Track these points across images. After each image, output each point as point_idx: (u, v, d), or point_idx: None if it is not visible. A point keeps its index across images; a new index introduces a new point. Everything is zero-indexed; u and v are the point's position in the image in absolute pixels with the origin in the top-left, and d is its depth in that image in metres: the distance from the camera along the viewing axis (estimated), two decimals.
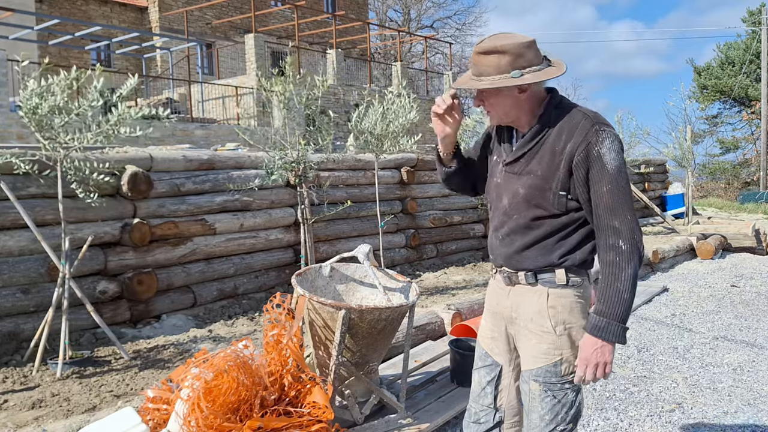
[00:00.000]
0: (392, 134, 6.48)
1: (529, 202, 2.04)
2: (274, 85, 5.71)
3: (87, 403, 3.67)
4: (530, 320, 2.09)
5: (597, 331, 1.94)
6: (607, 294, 1.94)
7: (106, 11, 20.42)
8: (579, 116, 1.99)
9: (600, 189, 1.93)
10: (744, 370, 4.48)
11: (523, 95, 2.02)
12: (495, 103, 2.06)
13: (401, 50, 24.70)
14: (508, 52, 1.96)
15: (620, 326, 1.93)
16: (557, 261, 2.04)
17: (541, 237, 2.05)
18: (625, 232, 1.92)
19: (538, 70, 1.98)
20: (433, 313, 5.10)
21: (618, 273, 1.93)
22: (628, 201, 1.93)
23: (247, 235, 6.42)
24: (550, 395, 2.06)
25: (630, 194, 1.96)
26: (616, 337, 1.93)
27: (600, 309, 1.94)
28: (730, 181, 31.68)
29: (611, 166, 1.92)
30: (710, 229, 11.02)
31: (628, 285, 1.92)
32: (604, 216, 1.94)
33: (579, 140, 1.95)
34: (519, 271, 2.10)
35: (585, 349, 1.96)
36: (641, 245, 1.94)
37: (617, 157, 1.93)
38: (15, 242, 4.74)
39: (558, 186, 1.99)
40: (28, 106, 4.14)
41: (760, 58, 29.37)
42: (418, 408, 3.42)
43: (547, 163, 2.00)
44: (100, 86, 4.23)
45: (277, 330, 2.97)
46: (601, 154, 1.92)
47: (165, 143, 11.22)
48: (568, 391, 2.06)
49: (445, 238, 9.13)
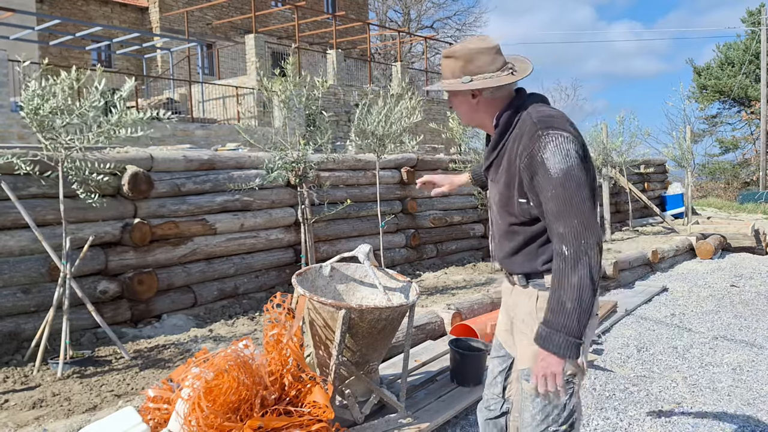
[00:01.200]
0: (394, 134, 6.49)
1: (503, 209, 2.08)
2: (275, 85, 5.72)
3: (88, 403, 3.67)
4: (522, 321, 2.12)
5: (539, 340, 1.89)
6: (551, 303, 1.87)
7: (107, 11, 20.43)
8: (528, 121, 1.96)
9: (546, 194, 1.88)
10: (743, 370, 4.48)
11: (475, 100, 2.04)
12: (456, 106, 2.12)
13: (401, 50, 24.71)
14: (460, 58, 2.00)
15: (565, 338, 1.82)
16: (541, 267, 2.03)
17: (523, 243, 2.06)
18: (569, 237, 1.83)
19: (489, 77, 1.99)
20: (433, 312, 5.11)
21: (561, 280, 1.84)
22: (575, 205, 1.84)
23: (247, 235, 6.43)
24: (536, 399, 2.05)
25: (582, 198, 1.85)
26: (560, 349, 1.83)
27: (545, 318, 1.89)
28: (730, 181, 31.66)
29: (554, 170, 1.86)
30: (710, 229, 11.03)
31: (573, 294, 1.81)
32: (551, 221, 1.89)
33: (525, 146, 1.93)
34: (513, 274, 2.15)
35: (537, 359, 1.92)
36: (591, 251, 1.83)
37: (563, 160, 1.86)
38: (16, 242, 4.75)
39: (517, 193, 1.99)
40: (29, 106, 4.14)
41: (759, 59, 29.37)
42: (418, 407, 3.43)
43: (506, 171, 2.01)
44: (102, 87, 4.24)
45: (278, 330, 2.98)
46: (545, 159, 1.87)
47: (165, 143, 11.23)
48: (560, 392, 2.01)
49: (445, 238, 9.13)
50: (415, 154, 8.89)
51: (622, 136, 11.48)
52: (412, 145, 6.71)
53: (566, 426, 2.05)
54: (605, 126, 11.40)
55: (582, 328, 1.83)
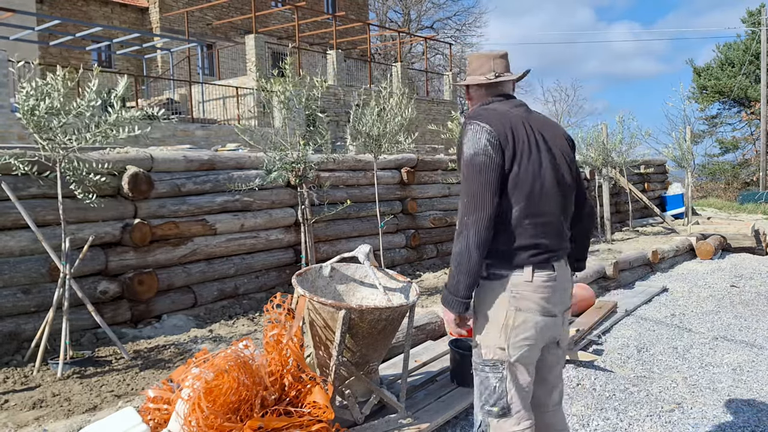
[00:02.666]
0: (390, 134, 6.49)
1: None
2: (274, 85, 5.71)
3: (88, 403, 3.67)
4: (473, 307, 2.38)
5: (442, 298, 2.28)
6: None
7: (107, 12, 20.43)
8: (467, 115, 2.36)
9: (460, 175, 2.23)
10: (743, 370, 4.48)
11: (467, 98, 2.46)
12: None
13: (401, 51, 24.71)
14: (470, 61, 2.44)
15: (449, 295, 2.19)
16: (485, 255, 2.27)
17: None
18: (459, 213, 2.17)
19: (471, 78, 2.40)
20: (433, 313, 5.11)
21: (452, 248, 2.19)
22: (470, 187, 2.14)
23: (247, 236, 6.43)
24: (477, 375, 2.33)
25: (478, 182, 2.13)
26: (446, 303, 2.22)
27: None
28: (730, 182, 31.66)
29: (465, 155, 2.18)
30: (710, 230, 11.03)
31: (454, 260, 2.16)
32: None
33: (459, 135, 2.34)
34: None
35: None
36: (469, 229, 2.12)
37: (472, 146, 2.16)
38: (16, 242, 4.75)
39: None
40: (25, 107, 4.14)
41: (759, 59, 29.37)
42: (418, 408, 3.43)
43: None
44: (95, 87, 4.23)
45: (278, 330, 2.98)
46: (462, 144, 2.21)
47: (166, 143, 11.23)
48: (489, 374, 2.26)
49: (446, 238, 9.13)
50: (415, 155, 8.89)
51: (622, 134, 11.47)
52: (408, 143, 6.71)
53: (497, 408, 2.25)
54: (605, 126, 11.40)
55: (463, 290, 2.16)
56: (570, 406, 3.85)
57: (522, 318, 2.21)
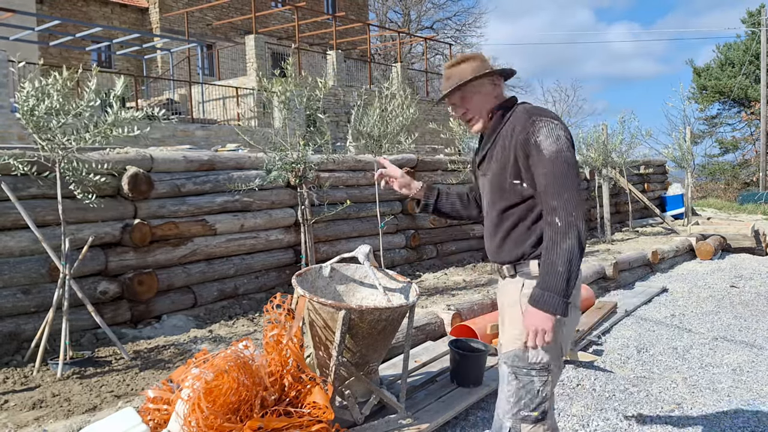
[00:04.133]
0: (391, 134, 6.49)
1: (495, 195, 2.27)
2: (274, 86, 5.71)
3: (87, 404, 3.67)
4: (509, 306, 2.27)
5: (534, 302, 2.08)
6: (544, 268, 2.07)
7: (107, 12, 20.43)
8: (520, 111, 2.23)
9: (539, 172, 2.11)
10: (743, 371, 4.48)
11: (494, 94, 2.34)
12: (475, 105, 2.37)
13: (401, 51, 24.71)
14: (477, 59, 2.36)
15: (556, 297, 2.03)
16: (529, 251, 2.21)
17: (511, 227, 2.24)
18: (561, 209, 2.05)
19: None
20: (433, 313, 5.11)
21: (552, 247, 2.05)
22: (566, 183, 2.07)
23: (247, 236, 6.43)
24: (515, 378, 2.20)
25: (571, 176, 2.08)
26: (553, 308, 2.03)
27: (539, 282, 2.08)
28: (730, 182, 31.67)
29: (548, 151, 2.09)
30: (709, 230, 11.03)
31: (563, 258, 2.02)
32: (543, 197, 2.11)
33: (519, 131, 2.16)
34: (503, 264, 2.30)
35: (527, 317, 2.10)
36: (579, 222, 2.05)
37: (555, 142, 2.10)
38: (16, 243, 4.74)
39: (511, 175, 2.20)
40: (24, 107, 4.14)
41: (759, 59, 29.37)
42: (418, 408, 3.43)
43: (500, 157, 2.23)
44: (94, 87, 4.23)
45: (277, 330, 2.98)
46: (538, 141, 2.11)
47: (166, 144, 11.23)
48: (534, 378, 2.17)
49: (445, 238, 9.13)
50: (415, 155, 8.89)
51: (622, 136, 11.47)
52: (408, 144, 6.71)
53: (537, 413, 2.18)
54: (605, 127, 11.40)
55: (570, 290, 2.05)
56: (570, 407, 3.85)
57: (574, 314, 2.22)
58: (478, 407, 3.75)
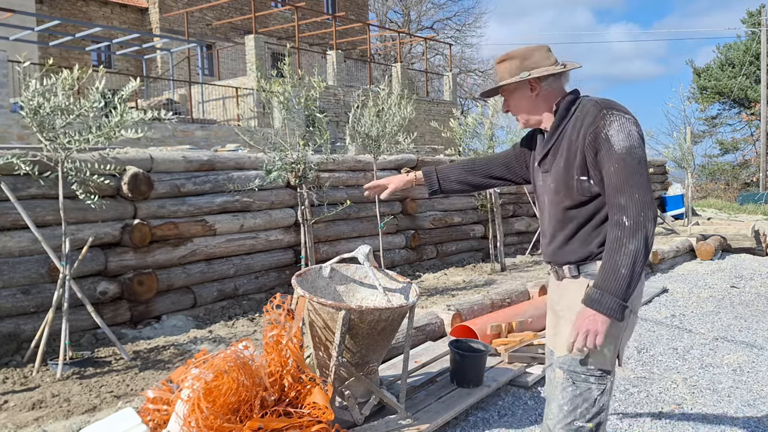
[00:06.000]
0: (389, 134, 6.49)
1: (559, 194, 2.14)
2: (274, 86, 5.71)
3: (87, 404, 3.67)
4: (569, 309, 2.14)
5: (590, 302, 1.96)
6: (605, 268, 1.95)
7: (107, 12, 20.43)
8: (590, 104, 2.09)
9: (608, 169, 1.99)
10: (744, 371, 4.48)
11: (535, 94, 2.18)
12: (515, 104, 2.24)
13: (401, 51, 24.71)
14: (517, 57, 2.17)
15: (615, 300, 1.92)
16: (596, 250, 2.09)
17: (577, 227, 2.12)
18: (630, 209, 1.94)
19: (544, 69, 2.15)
20: (433, 313, 5.11)
21: (618, 248, 1.93)
22: (637, 180, 1.95)
23: (247, 236, 6.42)
24: (572, 384, 2.07)
25: (642, 175, 1.96)
26: (610, 311, 1.93)
27: (597, 282, 1.97)
28: (730, 182, 31.70)
29: (619, 146, 1.97)
30: (710, 230, 11.02)
31: (628, 260, 1.91)
32: (611, 194, 1.99)
33: (588, 124, 2.04)
34: (563, 265, 2.17)
35: (578, 318, 1.99)
36: (649, 224, 1.94)
37: (626, 138, 1.98)
38: (15, 243, 4.74)
39: (578, 171, 2.07)
40: (30, 106, 4.14)
41: (759, 60, 29.38)
42: (418, 408, 3.42)
43: (566, 153, 2.10)
44: (101, 87, 4.23)
45: (277, 331, 2.97)
46: (609, 135, 1.99)
47: (165, 144, 11.23)
48: (592, 385, 2.05)
49: (445, 238, 9.13)
50: (415, 155, 8.89)
51: None
52: (407, 143, 6.71)
53: (592, 424, 2.06)
54: None
55: (629, 293, 1.93)
56: None
57: (633, 320, 2.13)
58: (478, 408, 3.75)
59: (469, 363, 3.79)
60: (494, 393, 3.90)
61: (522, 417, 3.64)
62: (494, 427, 3.51)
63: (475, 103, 31.27)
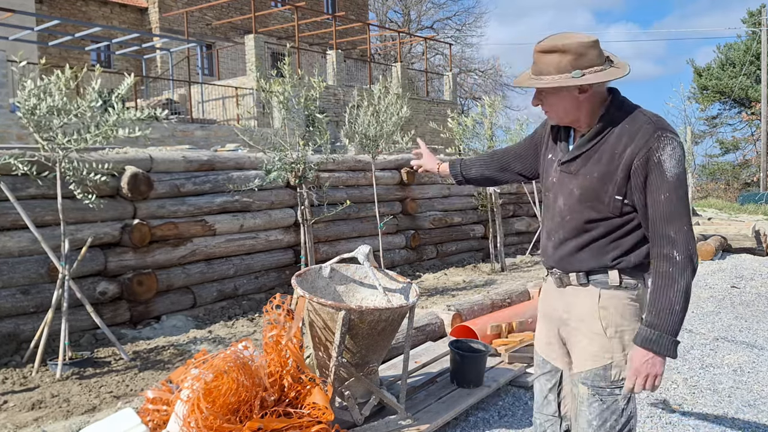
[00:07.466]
0: (387, 134, 6.49)
1: (583, 204, 2.01)
2: (273, 86, 5.71)
3: (87, 404, 3.66)
4: (581, 321, 2.05)
5: (648, 344, 1.89)
6: (658, 306, 1.88)
7: (106, 12, 20.42)
8: (642, 120, 1.94)
9: (658, 196, 1.88)
10: (744, 371, 4.47)
11: (583, 96, 1.97)
12: (554, 103, 2.02)
13: (401, 51, 24.71)
14: (570, 52, 1.92)
15: (671, 339, 1.87)
16: (611, 263, 2.00)
17: (595, 238, 2.01)
18: (681, 242, 1.86)
19: (600, 71, 1.93)
20: (433, 314, 5.10)
21: (671, 284, 1.86)
22: (685, 211, 1.88)
23: (246, 236, 6.42)
24: (598, 400, 2.01)
25: (688, 205, 1.90)
26: (667, 351, 1.88)
27: (651, 321, 1.89)
28: (730, 182, 31.71)
29: (671, 173, 1.87)
30: (710, 230, 11.02)
31: (681, 297, 1.86)
32: (659, 224, 1.89)
33: (640, 145, 1.89)
34: (570, 272, 2.07)
35: (635, 360, 1.91)
36: (696, 257, 1.89)
37: (677, 165, 1.87)
38: (15, 243, 4.74)
39: (614, 189, 1.94)
40: (26, 106, 4.13)
41: (760, 59, 29.38)
42: (418, 409, 3.42)
43: (605, 165, 1.96)
44: (98, 87, 4.22)
45: (277, 331, 2.97)
46: (662, 160, 1.87)
47: (165, 144, 11.22)
48: (618, 397, 2.00)
49: (445, 239, 9.13)
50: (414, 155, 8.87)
51: None
52: (404, 143, 6.71)
53: None
54: None
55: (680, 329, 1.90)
56: None
57: None
58: (479, 408, 3.74)
59: (470, 363, 3.79)
60: (494, 393, 3.90)
61: (522, 417, 3.63)
62: (494, 428, 3.50)
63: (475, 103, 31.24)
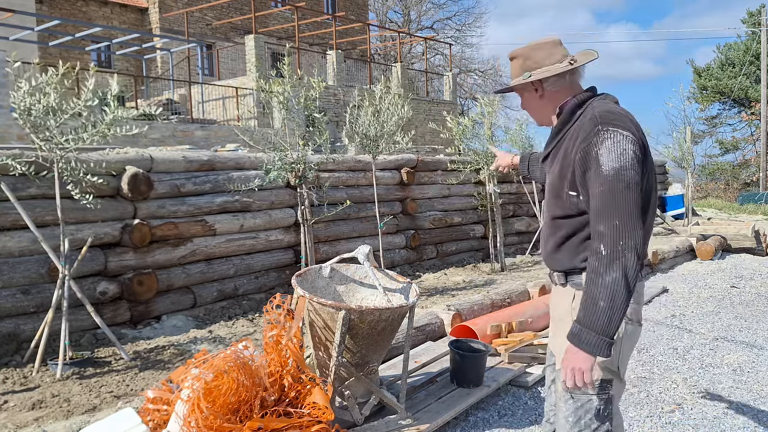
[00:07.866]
0: (387, 134, 6.49)
1: (551, 201, 2.07)
2: (273, 86, 5.71)
3: (87, 404, 3.67)
4: (561, 320, 2.10)
5: (571, 337, 1.88)
6: (583, 301, 1.86)
7: (107, 12, 20.41)
8: (589, 114, 1.96)
9: (594, 190, 1.87)
10: (744, 371, 4.48)
11: (539, 94, 2.07)
12: (526, 105, 2.15)
13: (401, 51, 24.71)
14: (520, 56, 2.08)
15: (596, 336, 1.82)
16: (580, 264, 2.01)
17: (565, 237, 2.04)
18: (608, 237, 1.81)
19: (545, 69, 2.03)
20: (433, 313, 5.10)
21: (594, 279, 1.83)
22: (619, 206, 1.82)
23: (247, 236, 6.42)
24: (571, 398, 2.02)
25: (629, 199, 1.82)
26: (592, 347, 1.83)
27: (578, 316, 1.89)
28: (730, 182, 31.70)
29: (606, 168, 1.84)
30: (710, 230, 11.02)
31: (605, 293, 1.80)
32: (593, 219, 1.88)
33: (581, 140, 1.92)
34: (554, 271, 2.13)
35: (565, 355, 1.92)
36: (629, 253, 1.80)
37: (617, 158, 1.83)
38: (15, 243, 4.74)
39: (569, 186, 1.97)
40: (21, 107, 4.13)
41: (759, 60, 29.38)
42: (418, 408, 3.42)
43: (560, 163, 2.01)
44: (92, 86, 4.22)
45: (277, 331, 2.97)
46: (599, 155, 1.86)
47: (165, 144, 11.21)
48: (592, 397, 1.99)
49: (445, 239, 9.13)
50: (414, 155, 8.89)
51: None
52: (405, 143, 6.71)
53: None
54: None
55: (613, 328, 1.82)
56: None
57: (631, 328, 2.04)
58: (478, 408, 3.75)
59: (469, 363, 3.79)
60: (494, 393, 3.90)
61: (522, 417, 3.64)
62: (494, 427, 3.51)
63: (475, 103, 31.25)
